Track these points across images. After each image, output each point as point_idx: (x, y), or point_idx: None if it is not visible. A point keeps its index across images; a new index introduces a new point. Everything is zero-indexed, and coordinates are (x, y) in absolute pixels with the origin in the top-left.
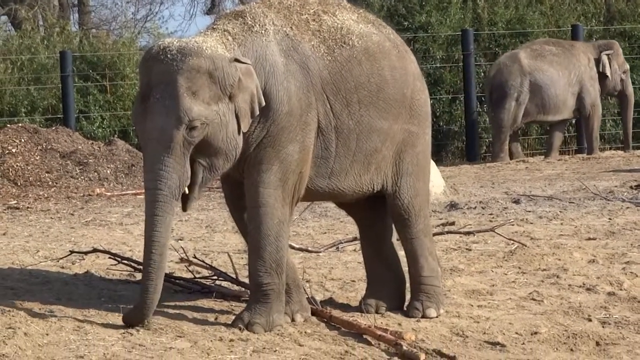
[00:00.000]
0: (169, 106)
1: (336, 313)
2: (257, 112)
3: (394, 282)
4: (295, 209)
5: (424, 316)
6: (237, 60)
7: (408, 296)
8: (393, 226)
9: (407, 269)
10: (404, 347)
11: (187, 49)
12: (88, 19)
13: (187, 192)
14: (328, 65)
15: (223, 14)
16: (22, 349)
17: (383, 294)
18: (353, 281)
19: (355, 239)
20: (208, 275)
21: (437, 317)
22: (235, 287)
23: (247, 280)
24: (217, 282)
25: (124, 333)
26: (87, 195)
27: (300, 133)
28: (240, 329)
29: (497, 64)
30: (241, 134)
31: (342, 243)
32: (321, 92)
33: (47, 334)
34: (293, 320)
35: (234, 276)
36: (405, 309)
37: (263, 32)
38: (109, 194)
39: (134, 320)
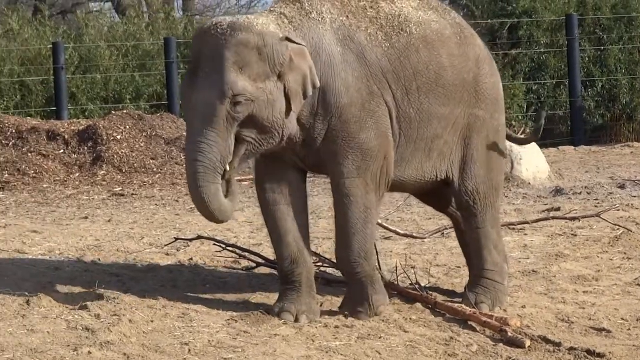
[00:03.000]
0: (214, 80)
1: (441, 299)
2: (310, 94)
3: None
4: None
5: None
6: (288, 39)
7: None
8: None
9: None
10: (509, 334)
11: (237, 25)
12: (192, 5)
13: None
14: (386, 52)
15: None
16: (127, 336)
17: None
18: (458, 267)
19: None
20: (313, 261)
21: None
22: (340, 274)
23: None
24: (322, 269)
25: (228, 320)
26: None
27: (370, 121)
28: (345, 315)
29: None
30: (291, 115)
31: (447, 229)
32: (383, 81)
33: (151, 321)
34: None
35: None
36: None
37: (320, 19)
38: None
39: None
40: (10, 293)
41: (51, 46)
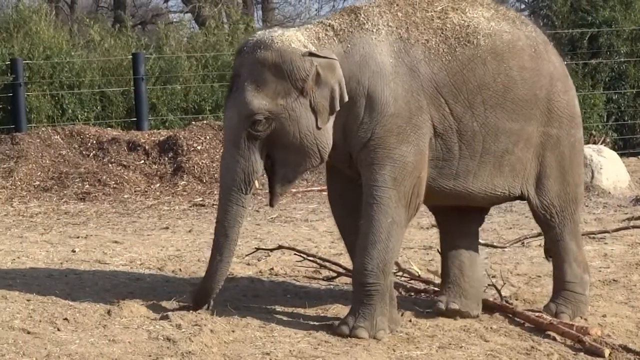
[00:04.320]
0: (235, 99)
1: (522, 308)
2: (338, 108)
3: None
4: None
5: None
6: (312, 54)
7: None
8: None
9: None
10: (588, 343)
11: (259, 42)
12: (272, 16)
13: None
14: (445, 65)
15: (339, 10)
16: (208, 346)
17: None
18: (539, 276)
19: (540, 234)
20: (393, 271)
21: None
22: (420, 283)
23: (430, 277)
24: (403, 278)
25: (309, 329)
26: None
27: (413, 135)
28: (346, 335)
29: None
30: (323, 129)
31: (527, 238)
32: (435, 96)
33: (232, 331)
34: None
35: (417, 273)
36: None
37: (374, 30)
38: (294, 190)
39: (198, 301)
40: (92, 303)
41: (131, 57)
